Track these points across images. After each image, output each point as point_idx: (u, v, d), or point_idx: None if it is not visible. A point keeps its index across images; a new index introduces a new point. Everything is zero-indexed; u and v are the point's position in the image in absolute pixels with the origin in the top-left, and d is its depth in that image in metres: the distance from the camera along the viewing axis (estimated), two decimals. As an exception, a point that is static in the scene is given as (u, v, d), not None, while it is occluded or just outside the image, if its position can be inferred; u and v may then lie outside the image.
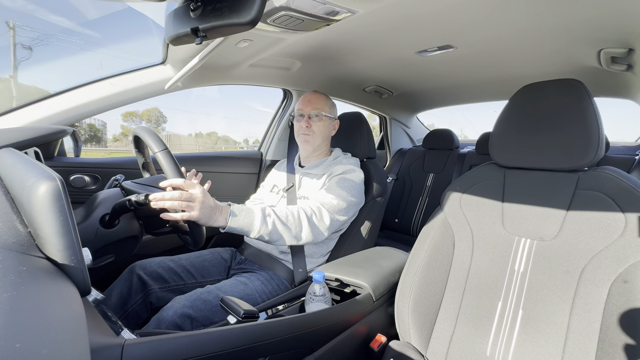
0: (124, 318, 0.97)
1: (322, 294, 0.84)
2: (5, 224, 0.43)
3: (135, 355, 0.49)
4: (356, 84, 1.75)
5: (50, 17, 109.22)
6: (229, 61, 1.25)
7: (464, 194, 0.87)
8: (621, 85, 1.41)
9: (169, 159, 0.79)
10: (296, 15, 0.85)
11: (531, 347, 0.69)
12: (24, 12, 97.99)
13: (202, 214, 0.80)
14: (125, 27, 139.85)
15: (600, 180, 0.71)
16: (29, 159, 0.57)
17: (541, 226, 0.74)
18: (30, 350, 0.27)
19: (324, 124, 1.23)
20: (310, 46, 1.19)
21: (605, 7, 0.82)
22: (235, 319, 0.69)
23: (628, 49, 1.01)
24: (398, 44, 1.17)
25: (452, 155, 2.19)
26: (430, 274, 0.84)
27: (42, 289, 0.35)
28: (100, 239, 0.78)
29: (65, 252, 0.41)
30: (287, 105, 1.77)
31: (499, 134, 0.85)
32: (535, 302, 0.71)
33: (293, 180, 1.27)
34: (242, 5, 0.53)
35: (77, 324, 0.34)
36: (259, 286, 1.05)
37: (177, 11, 0.63)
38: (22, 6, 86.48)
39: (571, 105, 0.74)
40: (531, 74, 1.41)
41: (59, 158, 1.25)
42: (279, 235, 0.95)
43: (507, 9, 0.87)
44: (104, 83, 1.14)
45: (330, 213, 1.06)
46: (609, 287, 0.63)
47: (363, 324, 0.85)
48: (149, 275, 1.04)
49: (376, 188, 1.28)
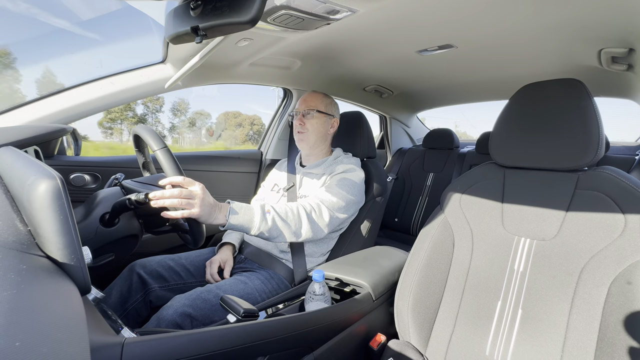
0: (123, 317, 0.97)
1: (322, 293, 0.84)
2: (5, 223, 0.43)
3: (135, 353, 0.49)
4: (356, 83, 1.75)
5: (51, 19, 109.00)
6: (229, 60, 1.25)
7: (464, 193, 0.87)
8: (621, 85, 1.41)
9: (169, 157, 0.79)
10: (296, 14, 0.85)
11: (530, 346, 0.69)
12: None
13: (202, 211, 0.80)
14: (125, 26, 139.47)
15: (600, 180, 0.71)
16: (29, 158, 0.57)
17: (541, 226, 0.74)
18: (30, 348, 0.27)
19: (317, 121, 1.23)
20: (311, 45, 1.19)
21: (605, 6, 0.82)
22: (235, 317, 0.69)
23: (628, 48, 1.01)
24: (398, 43, 1.17)
25: (452, 155, 2.19)
26: (429, 273, 0.84)
27: (42, 287, 0.35)
28: (100, 237, 0.78)
29: (65, 250, 0.41)
30: (287, 104, 1.77)
31: (499, 133, 0.85)
32: (535, 301, 0.71)
33: (294, 179, 1.27)
34: (242, 4, 0.53)
35: (77, 322, 0.34)
36: (259, 285, 1.05)
37: (177, 10, 0.63)
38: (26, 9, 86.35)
39: (571, 105, 0.74)
40: (531, 73, 1.41)
41: (59, 157, 1.25)
42: (279, 231, 0.95)
43: (508, 8, 0.87)
44: (104, 82, 1.14)
45: (330, 210, 1.06)
46: (609, 286, 0.63)
47: (362, 323, 0.85)
48: (149, 274, 1.04)
49: (376, 187, 1.28)
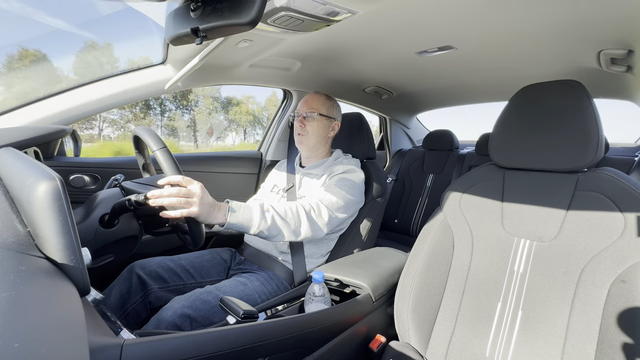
0: (123, 318, 0.97)
1: (322, 294, 0.84)
2: (4, 224, 0.43)
3: (135, 355, 0.49)
4: (356, 84, 1.75)
5: (47, 19, 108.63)
6: (229, 61, 1.25)
7: (464, 194, 0.87)
8: (621, 87, 1.41)
9: (168, 157, 0.79)
10: (296, 16, 0.85)
11: (530, 347, 0.69)
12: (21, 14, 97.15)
13: (201, 210, 0.79)
14: (125, 27, 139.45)
15: (599, 181, 0.71)
16: (29, 159, 0.57)
17: (540, 227, 0.74)
18: (29, 350, 0.27)
19: (318, 124, 1.23)
20: (311, 47, 1.19)
21: (605, 8, 0.82)
22: (234, 319, 0.69)
23: (628, 50, 1.01)
24: (398, 45, 1.17)
25: (452, 156, 2.19)
26: (429, 274, 0.84)
27: (41, 288, 0.35)
28: (100, 238, 0.78)
29: (64, 251, 0.41)
30: (287, 105, 1.77)
31: (499, 134, 0.85)
32: (535, 303, 0.71)
33: (293, 180, 1.27)
34: (242, 5, 0.53)
35: (76, 323, 0.34)
36: (259, 286, 1.05)
37: (178, 11, 0.63)
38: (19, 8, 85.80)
39: (571, 107, 0.74)
40: (531, 74, 1.41)
41: (59, 158, 1.25)
42: (278, 230, 0.95)
43: (508, 10, 0.87)
44: (104, 83, 1.14)
45: (329, 210, 1.06)
46: (609, 288, 0.63)
47: (362, 325, 0.85)
48: (149, 275, 1.04)
49: (376, 188, 1.28)
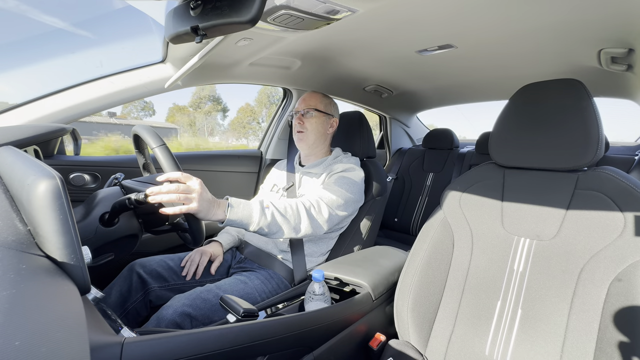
0: (123, 316, 0.97)
1: (322, 293, 0.84)
2: (4, 222, 0.43)
3: (135, 353, 0.49)
4: (356, 83, 1.75)
5: (43, 17, 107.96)
6: (229, 60, 1.25)
7: (464, 193, 0.87)
8: (621, 86, 1.41)
9: (167, 154, 0.79)
10: (296, 14, 0.85)
11: (530, 346, 0.69)
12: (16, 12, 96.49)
13: (200, 206, 0.79)
14: (124, 26, 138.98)
15: (599, 180, 0.71)
16: (29, 157, 0.57)
17: (540, 226, 0.74)
18: (29, 348, 0.27)
19: (316, 121, 1.23)
20: (311, 45, 1.18)
21: (605, 7, 0.82)
22: (234, 317, 0.69)
23: (628, 49, 1.01)
24: (398, 43, 1.17)
25: (452, 155, 2.19)
26: (429, 273, 0.84)
27: (42, 287, 0.35)
28: (100, 237, 0.78)
29: (64, 250, 0.41)
30: (287, 104, 1.77)
31: (499, 133, 0.85)
32: (534, 301, 0.71)
33: (293, 179, 1.27)
34: (242, 3, 0.53)
35: (77, 322, 0.34)
36: (259, 285, 1.05)
37: (177, 10, 0.63)
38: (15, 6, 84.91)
39: (571, 105, 0.74)
40: (531, 73, 1.41)
41: (59, 156, 1.25)
42: (278, 226, 0.95)
43: (508, 8, 0.87)
44: (104, 81, 1.14)
45: (329, 207, 1.06)
46: (608, 287, 0.63)
47: (362, 323, 0.85)
48: (149, 274, 1.04)
49: (376, 187, 1.28)
